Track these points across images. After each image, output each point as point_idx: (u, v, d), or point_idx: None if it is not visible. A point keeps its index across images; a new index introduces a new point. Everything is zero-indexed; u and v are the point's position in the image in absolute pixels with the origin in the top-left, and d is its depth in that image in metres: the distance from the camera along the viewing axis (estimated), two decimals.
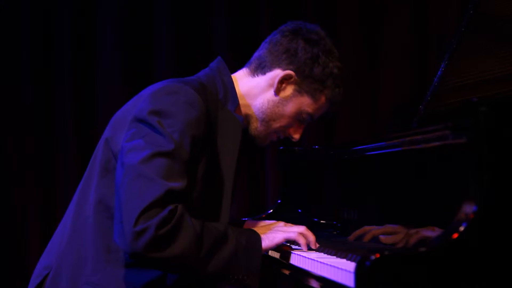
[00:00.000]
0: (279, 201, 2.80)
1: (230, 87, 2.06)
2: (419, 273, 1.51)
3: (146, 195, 1.73)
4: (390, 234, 2.04)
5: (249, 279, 1.87)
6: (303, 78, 2.06)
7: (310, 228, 2.08)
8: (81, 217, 1.96)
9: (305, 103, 2.08)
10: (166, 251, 1.73)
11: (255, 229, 2.02)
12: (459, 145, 1.67)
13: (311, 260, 1.84)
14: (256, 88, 2.10)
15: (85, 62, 3.61)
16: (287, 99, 2.08)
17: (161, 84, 1.94)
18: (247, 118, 2.11)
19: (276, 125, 2.11)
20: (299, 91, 2.07)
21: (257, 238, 1.93)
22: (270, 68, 2.08)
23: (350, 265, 1.62)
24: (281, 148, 2.87)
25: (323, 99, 2.09)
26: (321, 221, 2.61)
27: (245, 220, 2.50)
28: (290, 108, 2.08)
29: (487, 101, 1.60)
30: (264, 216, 2.72)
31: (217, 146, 1.98)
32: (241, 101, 2.09)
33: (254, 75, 2.11)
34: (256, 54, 2.14)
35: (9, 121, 3.61)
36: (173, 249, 1.74)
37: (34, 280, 2.01)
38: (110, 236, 1.87)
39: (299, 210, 2.74)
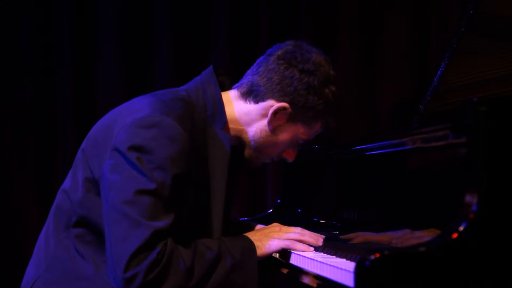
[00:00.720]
0: (279, 200, 2.80)
1: (219, 104, 2.00)
2: (419, 273, 1.51)
3: (133, 239, 1.74)
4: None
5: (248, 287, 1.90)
6: (297, 108, 2.00)
7: (309, 227, 2.08)
8: (64, 227, 1.95)
9: (300, 131, 2.05)
10: None
11: (250, 234, 2.02)
12: (459, 145, 1.67)
13: (310, 259, 1.84)
14: (248, 115, 2.04)
15: (85, 62, 3.61)
16: (280, 129, 2.04)
17: (144, 110, 1.86)
18: (240, 142, 2.07)
19: (269, 151, 2.08)
20: (293, 120, 2.02)
21: (252, 248, 1.93)
22: (263, 98, 2.01)
23: (350, 265, 1.62)
24: None
25: (318, 126, 2.06)
26: (321, 221, 2.60)
27: (242, 221, 2.51)
28: (283, 136, 2.05)
29: (487, 101, 1.60)
30: (263, 216, 2.72)
31: (207, 165, 1.95)
32: (233, 125, 2.04)
33: (246, 101, 2.05)
34: (248, 78, 2.07)
35: (9, 121, 3.61)
36: (164, 286, 1.76)
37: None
38: (95, 250, 1.89)
39: (299, 210, 2.73)
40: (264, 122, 2.03)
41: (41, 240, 2.03)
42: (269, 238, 1.99)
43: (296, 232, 2.04)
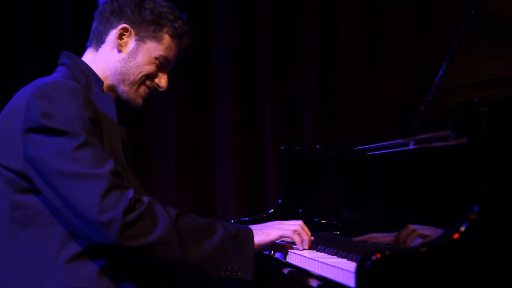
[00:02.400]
0: (279, 201, 2.80)
1: (89, 72, 2.08)
2: (420, 273, 1.51)
3: (93, 189, 1.75)
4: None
5: (242, 272, 1.85)
6: (138, 26, 2.10)
7: (310, 227, 2.08)
8: (4, 240, 1.89)
9: (152, 48, 2.12)
10: (141, 237, 1.76)
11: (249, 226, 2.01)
12: (460, 145, 1.67)
13: (311, 259, 1.84)
14: (103, 58, 2.12)
15: None
16: (134, 51, 2.11)
17: (33, 87, 1.91)
18: (112, 90, 2.12)
19: (136, 78, 2.12)
20: (141, 39, 2.11)
21: (248, 231, 1.91)
22: (106, 34, 2.13)
23: (351, 265, 1.62)
24: (282, 148, 2.87)
25: (167, 38, 2.14)
26: (322, 221, 2.61)
27: (242, 221, 2.51)
28: (141, 58, 2.11)
29: (488, 101, 1.60)
30: (264, 215, 2.72)
31: (102, 129, 1.96)
32: (104, 80, 2.10)
33: (97, 49, 2.14)
34: (90, 33, 2.18)
35: None
36: (148, 234, 1.76)
37: None
38: (49, 240, 1.84)
39: (300, 210, 2.73)
40: (116, 52, 2.11)
41: None
42: (269, 228, 1.98)
43: (296, 224, 2.02)
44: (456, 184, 1.75)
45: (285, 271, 2.02)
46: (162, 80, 2.18)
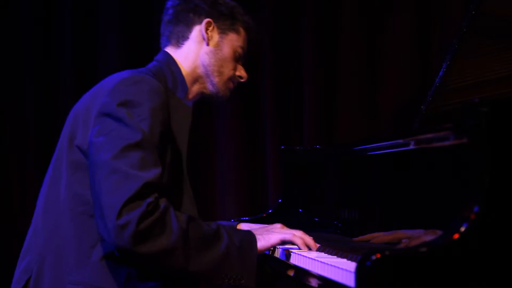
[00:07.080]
0: (279, 200, 2.80)
1: (178, 75, 2.14)
2: (420, 273, 1.51)
3: (124, 189, 1.76)
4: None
5: (244, 279, 1.87)
6: (218, 20, 2.19)
7: (310, 227, 2.08)
8: (53, 215, 1.94)
9: (233, 39, 2.22)
10: (150, 244, 1.76)
11: (251, 230, 2.02)
12: (460, 146, 1.67)
13: (311, 259, 1.84)
14: (190, 53, 2.19)
15: (86, 62, 3.61)
16: (219, 43, 2.20)
17: (121, 75, 1.96)
18: (202, 83, 2.20)
19: (226, 70, 2.21)
20: (223, 31, 2.20)
21: (252, 238, 1.93)
22: (190, 30, 2.19)
23: (351, 265, 1.62)
24: (282, 147, 2.87)
25: (241, 29, 2.24)
26: (322, 221, 2.60)
27: (242, 220, 2.51)
28: (226, 50, 2.20)
29: (489, 101, 1.60)
30: (264, 215, 2.72)
31: (173, 133, 2.02)
32: (189, 74, 2.17)
33: (179, 46, 2.20)
34: (166, 33, 2.23)
35: (10, 121, 3.61)
36: (157, 242, 1.77)
37: (14, 285, 2.00)
38: (90, 231, 1.87)
39: (300, 210, 2.73)
40: (204, 45, 2.19)
41: (30, 234, 2.02)
42: (270, 233, 1.99)
43: (297, 230, 2.04)
44: (456, 184, 1.75)
45: (285, 270, 2.02)
46: (242, 72, 2.28)
